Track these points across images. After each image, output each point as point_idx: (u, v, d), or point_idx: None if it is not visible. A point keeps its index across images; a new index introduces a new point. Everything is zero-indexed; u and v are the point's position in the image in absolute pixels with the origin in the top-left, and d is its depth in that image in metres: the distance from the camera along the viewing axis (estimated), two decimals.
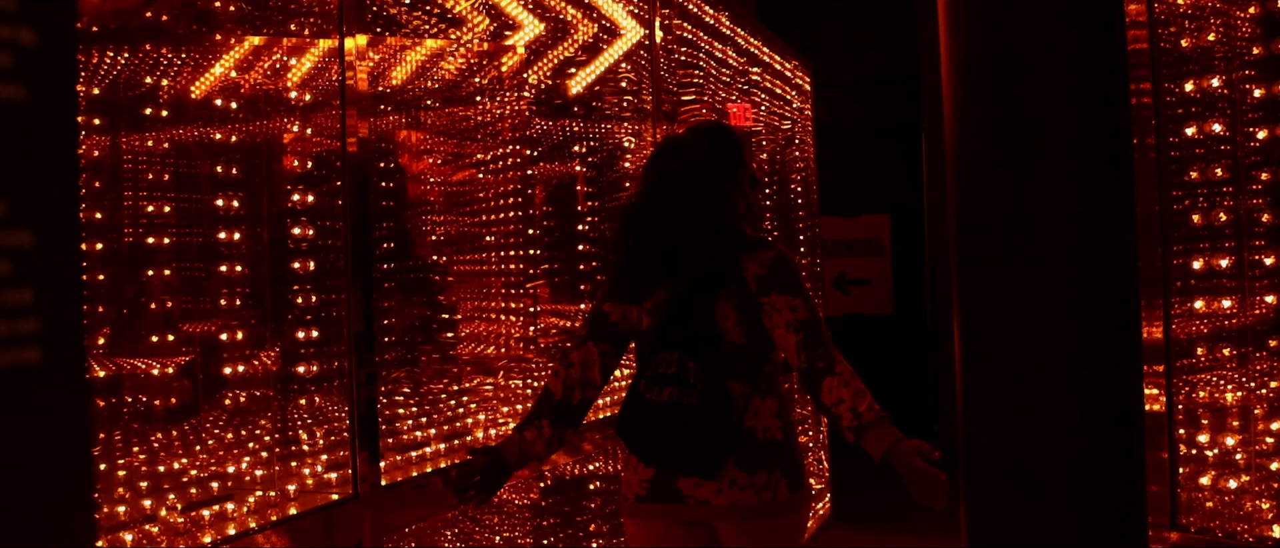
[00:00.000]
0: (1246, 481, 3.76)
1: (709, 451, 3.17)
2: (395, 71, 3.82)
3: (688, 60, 5.86)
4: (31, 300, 0.91)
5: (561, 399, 3.27)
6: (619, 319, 3.35)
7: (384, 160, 3.74)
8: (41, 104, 0.91)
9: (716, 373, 3.18)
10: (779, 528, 3.24)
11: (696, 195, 3.29)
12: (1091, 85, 4.23)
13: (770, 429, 3.25)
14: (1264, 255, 3.68)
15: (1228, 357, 3.82)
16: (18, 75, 0.89)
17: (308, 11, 3.45)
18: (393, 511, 3.50)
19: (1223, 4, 3.84)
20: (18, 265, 0.90)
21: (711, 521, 3.24)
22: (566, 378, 3.28)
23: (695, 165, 3.34)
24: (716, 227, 3.30)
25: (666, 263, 3.31)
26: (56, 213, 0.93)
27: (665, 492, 3.24)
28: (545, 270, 4.67)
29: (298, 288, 3.42)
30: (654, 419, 3.21)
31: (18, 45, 0.89)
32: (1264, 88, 3.66)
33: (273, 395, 3.37)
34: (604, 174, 5.16)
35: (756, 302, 3.24)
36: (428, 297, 4.08)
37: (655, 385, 3.22)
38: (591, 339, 3.34)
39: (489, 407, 4.28)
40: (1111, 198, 4.16)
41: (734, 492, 3.19)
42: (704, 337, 3.23)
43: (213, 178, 3.24)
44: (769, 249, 3.32)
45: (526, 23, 4.47)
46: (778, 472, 3.22)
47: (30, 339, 0.90)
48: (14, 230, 0.89)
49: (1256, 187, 3.76)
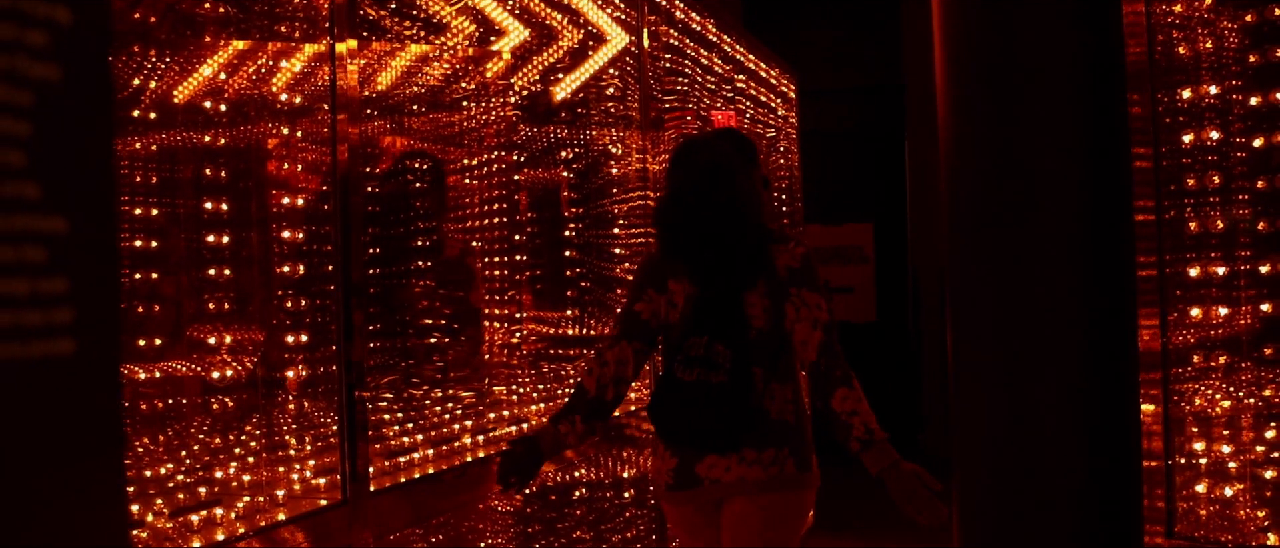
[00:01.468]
0: (1241, 489, 3.75)
1: (731, 427, 3.39)
2: (384, 77, 3.80)
3: (674, 67, 5.84)
4: (66, 290, 0.88)
5: (594, 396, 3.51)
6: (649, 317, 3.57)
7: (373, 165, 3.72)
8: (76, 85, 0.88)
9: (742, 356, 3.39)
10: (783, 501, 3.44)
11: (720, 188, 3.49)
12: (1088, 93, 4.23)
13: (784, 412, 3.45)
14: (1260, 263, 3.68)
15: (1223, 364, 3.82)
16: (52, 55, 0.86)
17: (297, 16, 3.42)
18: (381, 516, 3.46)
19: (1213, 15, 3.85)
20: (52, 253, 0.87)
21: (723, 497, 3.44)
22: (600, 375, 3.52)
23: (717, 160, 3.54)
24: (740, 217, 3.50)
25: (696, 253, 3.51)
26: (93, 199, 0.90)
27: (687, 479, 3.46)
28: (530, 277, 4.64)
29: (286, 292, 3.38)
30: (684, 398, 3.43)
31: (52, 23, 0.86)
32: (1260, 95, 3.66)
33: (261, 400, 3.34)
34: (589, 180, 5.13)
35: (785, 291, 3.43)
36: (414, 302, 4.06)
37: (686, 367, 3.44)
38: (624, 338, 3.57)
39: (474, 412, 4.25)
40: (1108, 205, 4.16)
41: (743, 468, 3.40)
42: (732, 322, 3.43)
43: (202, 181, 3.21)
44: (800, 245, 3.52)
45: (512, 28, 4.45)
46: (786, 450, 3.42)
47: (64, 331, 0.87)
48: (48, 216, 0.86)
49: (1243, 197, 3.76)
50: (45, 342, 0.86)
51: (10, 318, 0.83)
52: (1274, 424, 3.75)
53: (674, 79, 5.85)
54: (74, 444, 0.88)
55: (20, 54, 0.84)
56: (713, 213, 3.49)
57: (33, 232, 0.86)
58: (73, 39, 0.87)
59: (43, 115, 0.85)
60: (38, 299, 0.86)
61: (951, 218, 4.59)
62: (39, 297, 0.86)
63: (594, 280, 5.07)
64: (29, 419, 0.83)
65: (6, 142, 0.82)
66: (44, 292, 0.86)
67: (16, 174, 0.83)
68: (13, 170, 0.83)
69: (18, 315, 0.84)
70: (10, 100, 0.83)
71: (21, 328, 0.84)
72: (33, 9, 0.84)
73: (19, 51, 0.83)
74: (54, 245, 0.87)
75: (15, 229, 0.84)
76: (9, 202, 0.83)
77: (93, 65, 0.90)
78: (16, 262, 0.84)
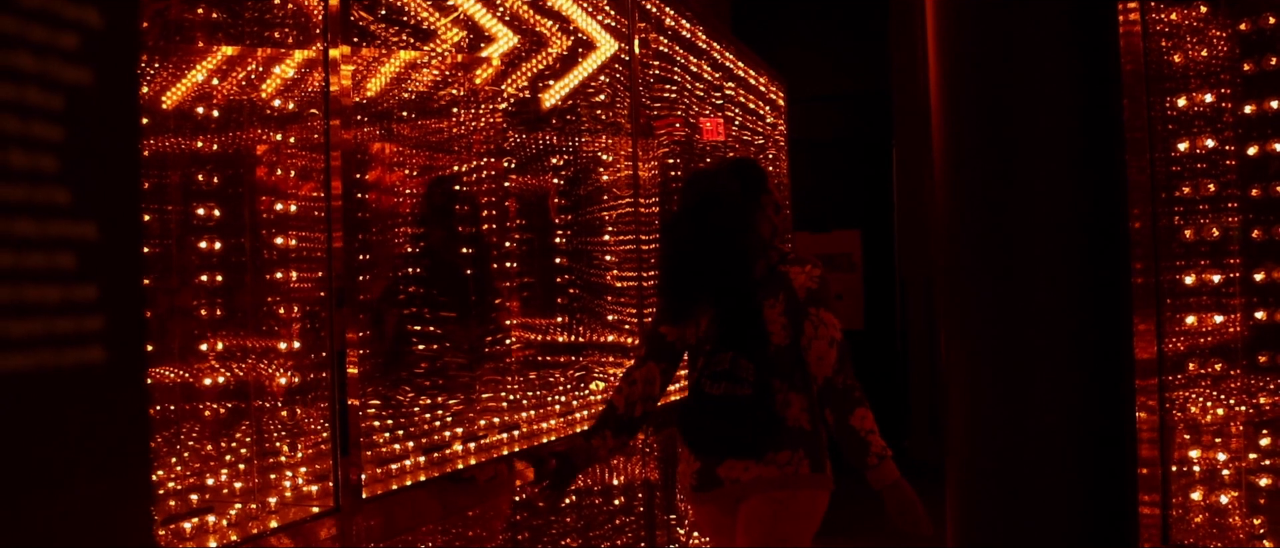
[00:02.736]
0: (1236, 497, 3.76)
1: (756, 436, 3.68)
2: (376, 84, 3.79)
3: (663, 75, 5.84)
4: (96, 297, 0.86)
5: (623, 413, 3.83)
6: (675, 339, 3.89)
7: (363, 172, 3.71)
8: (106, 89, 0.87)
9: (763, 370, 3.68)
10: (795, 498, 3.70)
11: (713, 219, 3.79)
12: (1084, 101, 4.24)
13: (800, 420, 3.72)
14: (1254, 271, 3.68)
15: (1218, 372, 3.83)
16: (83, 58, 0.84)
17: (290, 23, 3.41)
18: (373, 523, 3.45)
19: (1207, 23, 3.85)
20: (82, 259, 0.85)
21: (742, 495, 3.72)
22: (628, 395, 3.85)
23: (712, 193, 3.85)
24: (732, 244, 3.79)
25: (695, 278, 3.83)
26: (121, 204, 0.88)
27: (709, 480, 3.76)
28: (518, 285, 4.63)
29: (278, 299, 3.37)
30: (712, 411, 3.74)
31: (83, 26, 0.85)
32: (1254, 104, 3.67)
33: (253, 407, 3.32)
34: (578, 188, 5.12)
35: (804, 311, 3.70)
36: (406, 309, 4.04)
37: (713, 381, 3.74)
38: (651, 359, 3.89)
39: (466, 420, 4.24)
40: (1104, 212, 4.16)
41: (761, 468, 3.69)
42: (753, 338, 3.71)
43: (193, 187, 3.19)
44: (817, 266, 3.79)
45: (502, 35, 4.44)
46: (800, 452, 3.69)
47: (95, 338, 0.86)
48: (79, 222, 0.85)
49: (1232, 205, 3.77)
50: (77, 350, 0.85)
51: (42, 326, 0.81)
52: (1267, 432, 3.76)
53: (663, 86, 5.85)
54: (105, 454, 0.86)
55: (52, 57, 0.82)
56: (702, 242, 3.80)
57: (64, 238, 0.84)
58: (103, 42, 0.86)
59: (73, 119, 0.84)
60: (69, 307, 0.85)
61: (947, 226, 4.59)
62: (70, 304, 0.85)
63: (583, 288, 5.05)
64: (61, 429, 0.82)
65: (39, 146, 0.81)
66: (75, 299, 0.85)
67: (49, 179, 0.82)
68: (45, 175, 0.82)
69: (50, 323, 0.82)
70: (42, 104, 0.81)
71: (54, 336, 0.82)
72: (64, 10, 0.83)
73: (51, 54, 0.82)
74: (84, 251, 0.85)
75: (48, 235, 0.82)
76: (41, 207, 0.82)
77: (122, 68, 0.88)
78: (48, 268, 0.82)
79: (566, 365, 4.91)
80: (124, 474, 0.88)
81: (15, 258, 0.80)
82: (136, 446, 0.89)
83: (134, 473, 0.89)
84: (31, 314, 0.81)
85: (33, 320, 0.81)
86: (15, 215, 0.80)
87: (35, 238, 0.82)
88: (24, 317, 0.80)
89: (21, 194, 0.81)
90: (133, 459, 0.89)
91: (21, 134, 0.80)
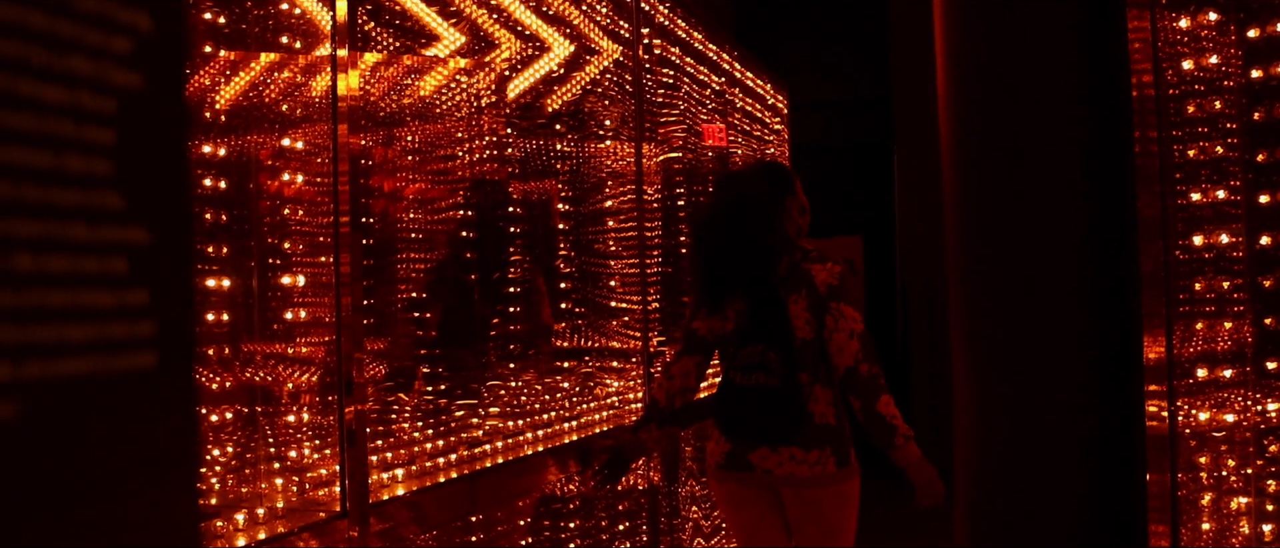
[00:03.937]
0: (1246, 503, 3.76)
1: (784, 424, 3.89)
2: (387, 89, 3.79)
3: (668, 80, 5.83)
4: (148, 302, 0.85)
5: (666, 405, 4.12)
6: (707, 333, 4.12)
7: (369, 178, 3.70)
8: (156, 93, 0.86)
9: (790, 363, 3.89)
10: (827, 496, 3.93)
11: (741, 219, 4.03)
12: (1094, 108, 4.23)
13: (826, 415, 3.93)
14: (1263, 278, 3.68)
15: (1228, 378, 3.82)
16: (135, 62, 0.84)
17: (299, 29, 3.40)
18: (380, 527, 3.44)
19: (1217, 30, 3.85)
20: (134, 265, 0.84)
21: (775, 486, 3.97)
22: (669, 389, 4.13)
23: (742, 195, 4.10)
24: (756, 242, 4.01)
25: (724, 275, 4.06)
26: (171, 209, 0.87)
27: (739, 462, 4.00)
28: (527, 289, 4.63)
29: (286, 302, 3.36)
30: (744, 400, 3.95)
31: (135, 30, 0.84)
32: (1263, 111, 3.67)
33: (260, 411, 3.32)
34: (583, 192, 5.12)
35: (826, 305, 3.90)
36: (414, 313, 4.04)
37: (745, 372, 3.95)
38: (687, 353, 4.16)
39: (468, 428, 4.24)
40: (1115, 216, 4.16)
41: (792, 465, 3.91)
42: (781, 332, 3.92)
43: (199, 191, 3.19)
44: (838, 264, 4.00)
45: (506, 41, 4.44)
46: (828, 450, 3.91)
47: (147, 344, 0.85)
48: (130, 226, 0.84)
49: (1234, 211, 3.77)
50: (129, 355, 0.84)
51: (96, 332, 0.80)
52: (1271, 438, 3.75)
53: (669, 92, 5.85)
54: (155, 458, 0.86)
55: (106, 60, 0.82)
56: (730, 241, 4.04)
57: (117, 242, 0.83)
58: (154, 45, 0.85)
59: (125, 123, 0.83)
60: (122, 312, 0.84)
61: (958, 233, 4.58)
62: (123, 309, 0.84)
63: (586, 293, 5.05)
64: (114, 433, 0.81)
65: (93, 150, 0.80)
66: (128, 304, 0.84)
67: (102, 183, 0.81)
68: (98, 179, 0.81)
69: (103, 329, 0.81)
70: (96, 108, 0.81)
71: (107, 341, 0.81)
72: (116, 14, 0.82)
73: (105, 58, 0.81)
74: (136, 256, 0.84)
75: (101, 240, 0.82)
76: (95, 212, 0.81)
77: (171, 72, 0.88)
78: (101, 273, 0.82)
79: (571, 371, 4.92)
80: (173, 477, 0.87)
81: (71, 262, 0.79)
82: (185, 449, 0.88)
83: (183, 476, 0.88)
84: (86, 319, 0.81)
85: (88, 325, 0.81)
86: (70, 219, 0.79)
87: (89, 242, 0.82)
88: (81, 322, 0.80)
89: (76, 198, 0.80)
90: (182, 462, 0.88)
91: (76, 138, 0.80)
